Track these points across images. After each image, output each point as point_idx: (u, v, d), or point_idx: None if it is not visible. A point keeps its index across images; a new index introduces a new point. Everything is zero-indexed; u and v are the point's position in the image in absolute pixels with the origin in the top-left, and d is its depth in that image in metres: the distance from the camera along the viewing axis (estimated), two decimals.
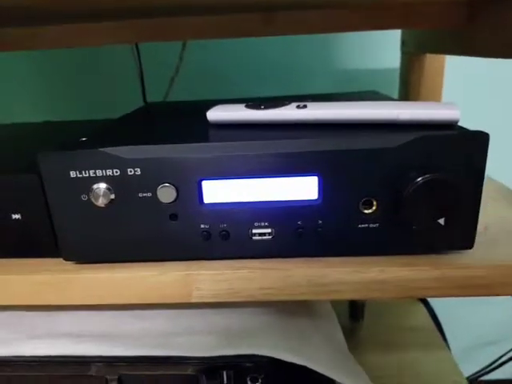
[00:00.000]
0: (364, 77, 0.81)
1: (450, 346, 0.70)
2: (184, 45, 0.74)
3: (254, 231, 0.35)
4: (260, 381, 0.38)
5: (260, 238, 0.35)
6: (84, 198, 0.34)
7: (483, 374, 0.88)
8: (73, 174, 0.34)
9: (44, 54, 0.80)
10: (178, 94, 0.75)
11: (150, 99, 0.73)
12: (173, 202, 0.34)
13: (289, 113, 0.37)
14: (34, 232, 0.37)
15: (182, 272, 0.36)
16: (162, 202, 0.34)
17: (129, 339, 0.40)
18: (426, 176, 0.31)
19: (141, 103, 0.74)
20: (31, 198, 0.35)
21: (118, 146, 0.33)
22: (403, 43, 0.73)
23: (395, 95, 0.74)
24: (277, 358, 0.38)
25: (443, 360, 0.64)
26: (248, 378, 0.38)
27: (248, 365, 0.38)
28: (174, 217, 0.35)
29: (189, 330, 0.41)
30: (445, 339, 0.69)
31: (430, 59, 0.69)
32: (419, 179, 0.31)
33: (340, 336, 0.46)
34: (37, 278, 0.37)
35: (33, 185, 0.35)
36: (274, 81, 0.80)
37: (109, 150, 0.33)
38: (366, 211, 0.34)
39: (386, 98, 0.52)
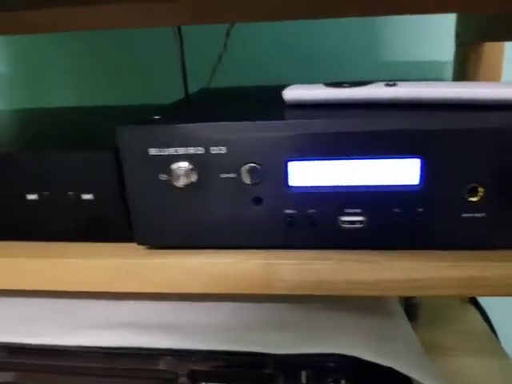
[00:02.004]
0: (410, 69, 0.76)
1: None
2: (228, 32, 0.71)
3: (344, 219, 0.32)
4: (342, 383, 0.35)
5: (350, 226, 0.32)
6: (163, 177, 0.32)
7: None
8: (152, 151, 0.31)
9: (82, 37, 0.78)
10: (219, 83, 0.72)
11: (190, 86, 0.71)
12: (257, 184, 0.32)
13: (378, 91, 0.34)
14: (105, 214, 0.34)
15: (263, 261, 0.33)
16: (245, 184, 0.32)
17: (197, 332, 0.37)
18: None
19: (180, 91, 0.72)
20: (105, 177, 0.33)
21: (203, 122, 0.31)
22: (458, 34, 0.69)
23: None
24: (362, 358, 0.34)
25: (502, 368, 0.59)
26: (329, 380, 0.35)
27: (331, 365, 0.35)
28: (257, 200, 0.32)
29: (262, 324, 0.38)
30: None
31: (488, 48, 0.64)
32: None
33: (414, 335, 0.42)
34: (107, 263, 0.35)
35: (107, 163, 0.33)
36: (321, 69, 0.76)
37: (193, 126, 0.31)
38: (472, 199, 0.31)
39: None
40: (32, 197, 0.34)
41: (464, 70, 0.66)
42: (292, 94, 0.36)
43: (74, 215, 0.34)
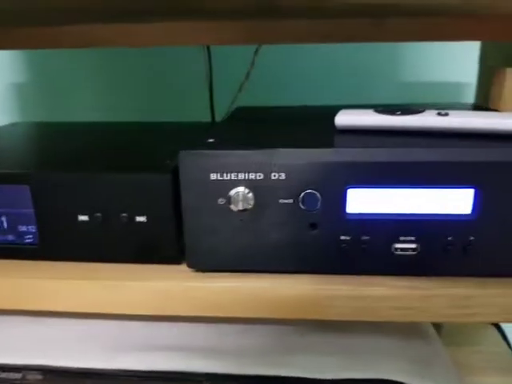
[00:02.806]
0: (433, 90, 0.79)
1: None
2: (257, 51, 0.72)
3: (397, 246, 0.33)
4: None
5: (402, 253, 0.33)
6: (221, 202, 0.32)
7: None
8: (213, 175, 0.32)
9: (105, 52, 0.79)
10: (245, 99, 0.73)
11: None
12: (315, 210, 0.32)
13: (431, 120, 0.35)
14: (156, 236, 0.34)
15: (315, 286, 0.34)
16: (302, 210, 0.32)
17: (241, 356, 0.37)
18: None
19: (205, 107, 0.72)
20: (160, 199, 0.33)
21: (264, 148, 0.31)
22: (482, 57, 0.71)
23: None
24: (407, 383, 0.35)
25: None
26: None
27: None
28: (313, 226, 0.33)
29: (305, 348, 0.38)
30: None
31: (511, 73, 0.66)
32: None
33: (449, 357, 0.43)
34: (157, 286, 0.34)
35: (164, 185, 0.33)
36: (345, 90, 0.78)
37: (256, 152, 0.31)
38: None
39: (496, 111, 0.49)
40: (83, 218, 0.34)
41: (487, 93, 0.68)
42: (344, 120, 0.36)
43: (125, 237, 0.34)
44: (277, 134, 0.38)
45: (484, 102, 0.70)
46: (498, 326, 0.73)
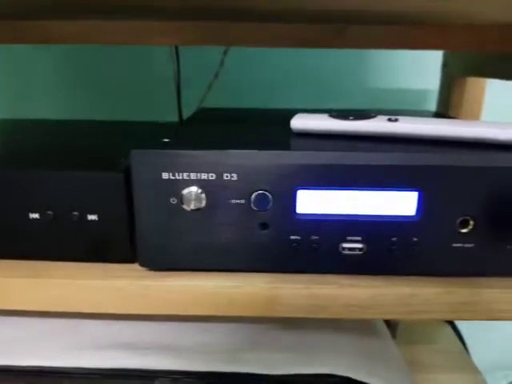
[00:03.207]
0: (396, 96, 0.81)
1: None
2: (226, 51, 0.72)
3: (345, 245, 0.34)
4: None
5: (350, 252, 0.34)
6: (173, 201, 0.33)
7: None
8: (165, 175, 0.32)
9: (76, 49, 0.78)
10: (213, 100, 0.74)
11: (183, 102, 0.72)
12: (266, 210, 0.33)
13: (381, 125, 0.36)
14: (108, 235, 0.34)
15: (267, 285, 0.34)
16: (254, 210, 0.33)
17: (195, 353, 0.38)
18: None
19: (173, 107, 0.72)
20: (112, 198, 0.33)
21: (217, 149, 0.32)
22: (445, 65, 0.74)
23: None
24: (354, 378, 0.36)
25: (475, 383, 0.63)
26: None
27: None
28: (264, 226, 0.33)
29: (257, 345, 0.39)
30: None
31: (472, 83, 0.69)
32: None
33: (399, 354, 0.45)
34: (109, 284, 0.34)
35: (117, 184, 0.33)
36: (311, 93, 0.79)
37: (208, 153, 0.32)
38: (462, 230, 0.33)
39: (455, 118, 0.51)
40: (34, 216, 0.33)
41: (448, 100, 0.71)
42: (299, 123, 0.37)
43: (77, 236, 0.34)
44: (233, 136, 0.38)
45: (445, 110, 0.73)
46: (452, 325, 0.75)
